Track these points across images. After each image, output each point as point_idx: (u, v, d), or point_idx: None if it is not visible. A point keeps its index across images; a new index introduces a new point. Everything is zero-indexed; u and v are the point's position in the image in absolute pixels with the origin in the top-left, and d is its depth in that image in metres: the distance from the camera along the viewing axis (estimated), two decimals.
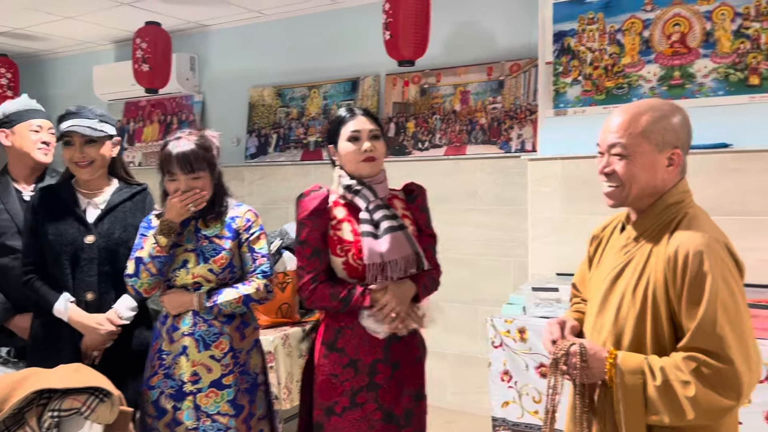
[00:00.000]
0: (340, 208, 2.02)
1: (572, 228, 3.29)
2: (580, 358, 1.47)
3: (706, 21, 3.02)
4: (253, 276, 2.14)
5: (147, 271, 2.08)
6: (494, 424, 3.00)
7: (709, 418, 1.37)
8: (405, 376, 2.01)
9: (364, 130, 1.99)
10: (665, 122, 1.48)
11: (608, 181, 1.54)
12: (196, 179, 2.07)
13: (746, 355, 1.36)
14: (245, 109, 4.88)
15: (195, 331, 2.09)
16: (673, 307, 1.43)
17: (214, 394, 2.07)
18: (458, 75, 3.98)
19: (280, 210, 4.65)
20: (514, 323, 2.90)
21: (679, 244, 1.42)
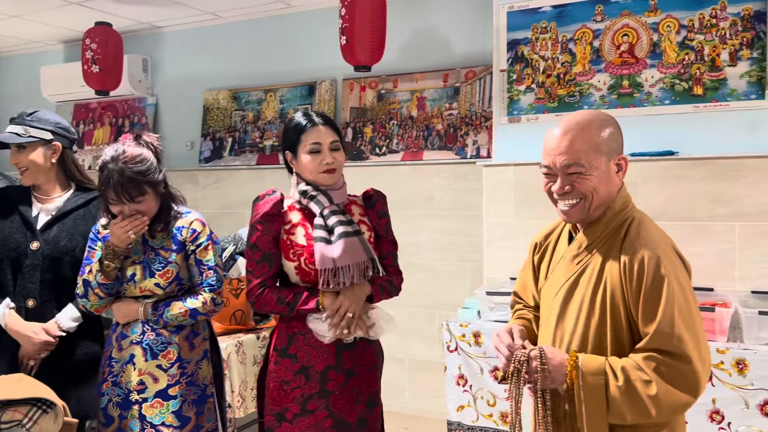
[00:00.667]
0: (296, 213, 2.00)
1: (525, 233, 3.34)
2: (540, 362, 1.47)
3: (653, 32, 3.12)
4: (200, 289, 2.09)
5: (96, 295, 2.06)
6: (450, 428, 3.01)
7: (670, 414, 1.42)
8: (359, 383, 1.99)
9: (325, 143, 1.96)
10: (608, 131, 1.51)
11: (566, 200, 1.53)
12: (139, 203, 2.01)
13: (700, 352, 1.41)
14: (200, 112, 4.81)
15: (143, 339, 2.06)
16: (630, 311, 1.46)
17: (159, 405, 2.03)
18: (415, 81, 4.01)
19: (235, 215, 4.58)
20: (469, 327, 2.93)
21: (634, 249, 1.46)
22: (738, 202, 2.90)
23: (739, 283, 2.88)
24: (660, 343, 1.40)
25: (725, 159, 2.91)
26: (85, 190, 2.34)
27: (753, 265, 2.86)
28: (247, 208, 4.53)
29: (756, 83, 2.92)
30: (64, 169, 2.32)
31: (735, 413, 2.42)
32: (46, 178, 2.28)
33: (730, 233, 2.90)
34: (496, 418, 2.89)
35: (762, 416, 2.39)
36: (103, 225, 2.12)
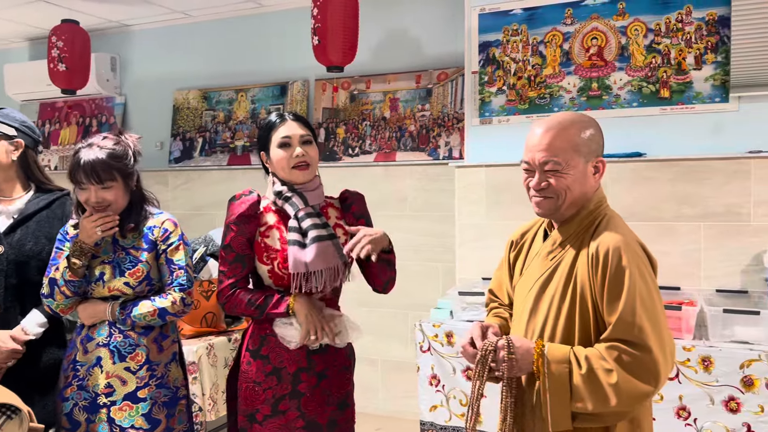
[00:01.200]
0: (271, 215, 1.99)
1: (496, 233, 3.37)
2: (507, 351, 1.51)
3: (621, 35, 3.17)
4: (170, 289, 2.06)
5: (62, 294, 2.01)
6: (422, 428, 3.02)
7: (630, 403, 1.44)
8: (330, 385, 1.99)
9: (294, 136, 1.95)
10: (588, 133, 1.55)
11: (540, 194, 1.58)
12: (106, 189, 1.98)
13: (662, 343, 1.44)
14: (169, 112, 4.74)
15: (110, 342, 2.02)
16: (596, 302, 1.50)
17: (128, 407, 2.00)
18: (387, 82, 4.01)
19: (205, 216, 4.54)
20: (441, 327, 2.94)
21: (599, 242, 1.51)
22: (703, 202, 2.96)
23: (704, 282, 2.94)
24: (621, 333, 1.44)
25: (691, 161, 2.98)
26: (46, 191, 2.28)
27: (718, 265, 2.93)
28: (218, 209, 4.52)
29: (720, 86, 2.98)
30: (25, 169, 2.26)
31: (701, 409, 2.47)
32: (5, 176, 2.22)
33: (696, 233, 2.97)
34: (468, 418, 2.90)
35: (727, 412, 2.44)
36: (72, 225, 2.08)
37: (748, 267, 2.88)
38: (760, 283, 2.84)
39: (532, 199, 1.61)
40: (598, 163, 1.57)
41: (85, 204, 2.01)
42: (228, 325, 3.04)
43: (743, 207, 2.89)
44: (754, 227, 2.87)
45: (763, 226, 2.86)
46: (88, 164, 1.95)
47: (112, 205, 2.01)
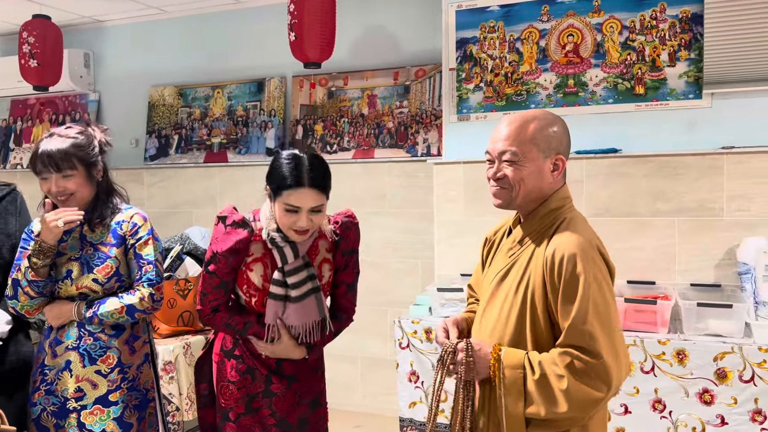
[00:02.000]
0: (260, 245, 1.90)
1: (475, 230, 3.38)
2: (466, 354, 1.53)
3: (596, 32, 3.20)
4: (138, 284, 2.00)
5: (26, 295, 1.96)
6: (402, 425, 3.02)
7: (581, 410, 1.44)
8: (301, 387, 2.00)
9: (304, 207, 1.80)
10: (549, 130, 1.56)
11: (497, 184, 1.60)
12: (67, 178, 1.94)
13: (614, 350, 1.44)
14: (144, 108, 4.68)
15: (80, 344, 1.98)
16: (551, 308, 1.50)
17: (99, 411, 1.97)
18: (365, 79, 4.00)
19: (181, 214, 4.49)
20: (420, 324, 2.94)
21: (555, 247, 1.49)
22: (677, 198, 3.00)
23: (679, 276, 2.98)
24: (573, 339, 1.44)
25: (665, 156, 3.01)
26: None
27: (692, 259, 2.97)
28: (194, 207, 4.49)
29: (693, 83, 3.02)
30: None
31: (676, 402, 2.51)
32: None
33: (671, 228, 3.00)
34: (448, 414, 2.90)
35: (701, 404, 2.48)
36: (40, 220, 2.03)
37: (721, 261, 2.92)
38: (732, 277, 2.88)
39: (491, 190, 1.63)
40: (557, 161, 1.57)
41: (47, 195, 1.97)
42: (204, 324, 3.01)
43: (716, 202, 2.93)
44: (726, 222, 2.92)
45: (736, 221, 2.90)
46: (45, 153, 1.92)
47: (75, 195, 1.97)
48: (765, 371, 2.40)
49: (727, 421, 2.45)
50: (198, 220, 4.38)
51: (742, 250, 2.80)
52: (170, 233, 3.47)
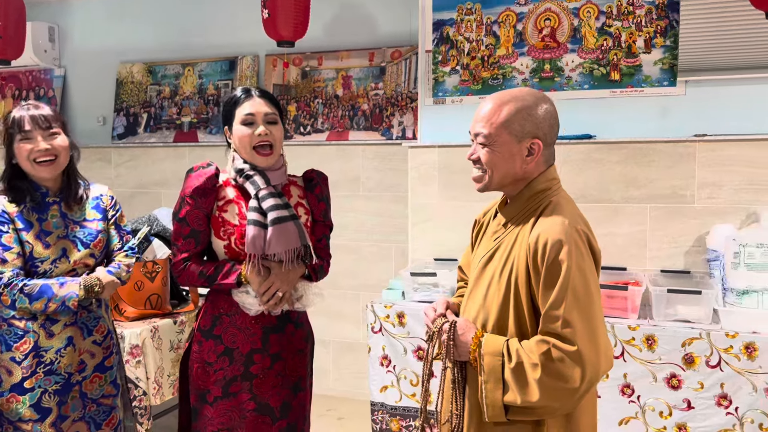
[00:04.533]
0: (231, 189, 1.93)
1: (449, 214, 3.37)
2: (449, 336, 1.52)
3: (573, 17, 3.18)
4: (119, 253, 2.13)
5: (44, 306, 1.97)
6: (373, 408, 3.02)
7: (554, 399, 1.41)
8: (285, 367, 1.96)
9: (259, 113, 1.88)
10: (525, 113, 1.50)
11: (475, 167, 1.57)
12: (53, 136, 1.99)
13: (594, 342, 1.40)
14: (112, 85, 4.55)
15: (78, 319, 2.04)
16: (534, 294, 1.47)
17: (98, 379, 2.08)
18: (340, 59, 3.93)
19: (150, 194, 4.39)
20: (393, 308, 2.92)
21: (540, 232, 1.46)
22: (650, 185, 3.02)
23: (649, 262, 3.01)
24: (549, 325, 1.41)
25: (638, 143, 3.02)
26: None
27: (662, 246, 3.00)
28: (164, 188, 4.39)
29: (668, 70, 3.03)
30: None
31: (644, 386, 2.54)
32: None
33: (642, 215, 3.02)
34: (419, 397, 2.91)
35: (669, 389, 2.51)
36: (9, 201, 2.00)
37: (691, 248, 2.95)
38: (702, 263, 2.92)
39: (472, 173, 1.60)
40: (532, 145, 1.51)
41: (28, 157, 1.95)
42: (173, 307, 2.95)
43: (687, 189, 2.96)
44: (697, 209, 2.95)
45: (706, 209, 2.93)
46: (33, 115, 1.97)
47: (58, 160, 2.00)
48: (731, 357, 2.43)
49: (693, 405, 2.49)
50: (167, 201, 4.28)
51: (711, 238, 2.83)
52: (138, 214, 3.39)
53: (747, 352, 2.42)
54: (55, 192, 2.06)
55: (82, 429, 2.06)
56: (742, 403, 2.43)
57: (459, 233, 3.36)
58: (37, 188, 2.02)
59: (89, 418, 2.06)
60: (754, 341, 2.41)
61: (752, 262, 2.52)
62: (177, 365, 2.83)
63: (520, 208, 1.55)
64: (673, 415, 2.52)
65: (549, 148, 1.55)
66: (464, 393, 1.56)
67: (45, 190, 2.05)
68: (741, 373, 2.43)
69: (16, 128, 1.96)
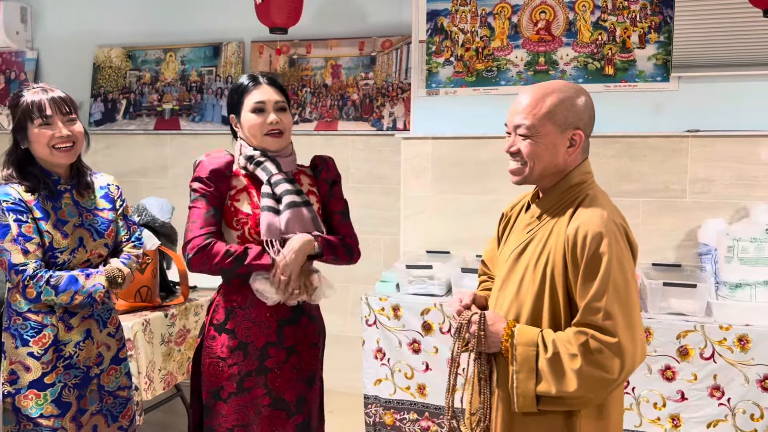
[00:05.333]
0: (241, 178, 1.90)
1: (441, 207, 3.36)
2: (479, 327, 1.52)
3: (569, 11, 3.18)
4: (127, 244, 2.09)
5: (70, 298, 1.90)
6: (366, 402, 3.00)
7: (591, 390, 1.42)
8: (300, 360, 1.93)
9: (269, 101, 1.86)
10: (569, 104, 1.50)
11: (513, 159, 1.55)
12: (72, 122, 1.94)
13: (633, 334, 1.42)
14: (89, 70, 4.39)
15: (94, 311, 2.00)
16: (570, 286, 1.47)
17: (114, 371, 2.07)
18: (329, 48, 3.87)
19: (129, 184, 4.25)
20: (388, 301, 2.90)
21: (579, 224, 1.45)
22: (642, 179, 3.05)
23: (642, 256, 3.03)
24: (590, 317, 1.41)
25: (632, 138, 3.05)
26: None
27: (654, 239, 3.04)
28: (144, 177, 4.28)
29: (662, 66, 3.06)
30: None
31: (639, 378, 2.57)
32: None
33: (635, 209, 3.05)
34: (413, 391, 2.90)
35: (663, 380, 2.55)
36: (25, 190, 1.91)
37: (682, 242, 3.00)
38: (692, 257, 2.96)
39: (508, 166, 1.58)
40: (574, 136, 1.51)
41: (48, 143, 1.89)
42: (163, 300, 2.87)
43: (679, 184, 3.00)
44: (688, 204, 2.99)
45: (697, 203, 2.98)
46: (53, 98, 1.91)
47: (75, 146, 1.96)
48: (725, 349, 2.48)
49: (687, 396, 2.53)
50: (147, 190, 4.17)
51: (703, 232, 2.87)
52: None
53: (740, 344, 2.47)
54: (67, 179, 1.99)
55: (100, 422, 2.03)
56: (734, 394, 2.48)
57: (451, 225, 3.36)
58: (48, 175, 1.95)
59: (106, 410, 2.04)
60: (746, 333, 2.46)
61: (745, 257, 2.57)
62: (168, 359, 2.76)
63: (555, 200, 1.54)
64: (667, 406, 2.56)
65: (587, 141, 1.56)
66: (491, 384, 1.56)
67: (57, 178, 1.97)
68: (734, 364, 2.48)
69: (36, 112, 1.88)
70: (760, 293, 2.53)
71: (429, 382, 2.87)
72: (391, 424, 2.95)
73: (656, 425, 2.57)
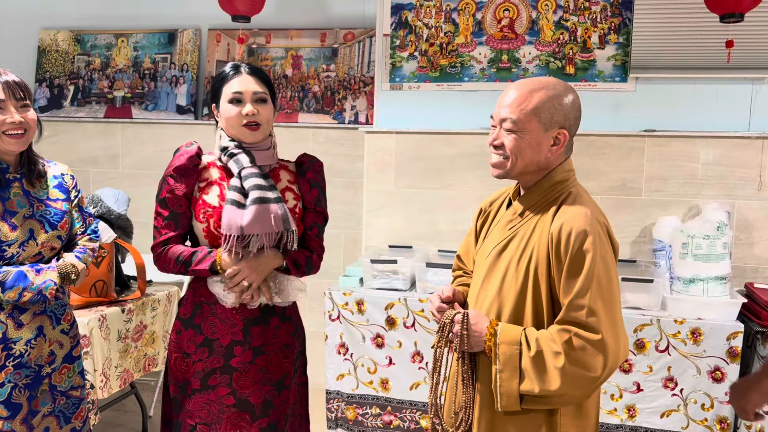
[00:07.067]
0: (215, 170, 1.84)
1: (404, 201, 3.36)
2: (462, 326, 1.50)
3: (532, 9, 3.22)
4: (82, 237, 1.99)
5: (18, 295, 1.81)
6: (328, 397, 2.97)
7: (575, 388, 1.41)
8: (268, 362, 1.86)
9: (247, 92, 1.79)
10: (556, 102, 1.49)
11: (495, 152, 1.54)
12: (25, 108, 1.84)
13: (616, 332, 1.42)
14: (33, 53, 4.18)
15: (47, 307, 1.90)
16: (554, 284, 1.47)
17: (66, 370, 1.98)
18: (290, 38, 3.80)
19: (79, 174, 4.04)
20: (352, 295, 2.88)
21: (563, 222, 1.45)
22: (601, 177, 3.13)
23: None
24: (573, 315, 1.40)
25: (591, 136, 3.12)
26: None
27: None
28: (94, 166, 4.11)
29: (620, 67, 3.14)
30: None
31: None
32: None
33: None
34: (376, 385, 2.89)
35: (620, 372, 2.63)
36: None
37: (637, 239, 3.10)
38: (647, 253, 3.06)
39: (490, 159, 1.57)
40: (559, 135, 1.50)
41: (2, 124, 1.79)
42: (118, 295, 2.77)
43: (636, 182, 3.09)
44: (644, 201, 3.09)
45: (652, 201, 3.08)
46: (10, 80, 1.81)
47: (28, 134, 1.85)
48: (678, 341, 2.58)
49: (642, 387, 2.61)
50: (97, 181, 4.01)
51: (657, 229, 2.97)
52: None
53: (693, 337, 2.56)
54: (16, 167, 1.88)
55: (52, 424, 1.92)
56: (687, 385, 2.57)
57: (414, 220, 3.37)
58: None
59: (59, 411, 1.95)
60: (699, 327, 2.56)
61: (699, 253, 2.66)
62: (125, 356, 2.66)
63: (538, 197, 1.54)
64: (623, 398, 2.64)
65: (572, 140, 1.56)
66: (473, 383, 1.55)
67: (5, 166, 1.86)
68: (686, 357, 2.57)
69: None
70: (712, 288, 2.64)
71: (392, 377, 2.87)
72: (353, 418, 2.93)
73: (613, 416, 2.65)
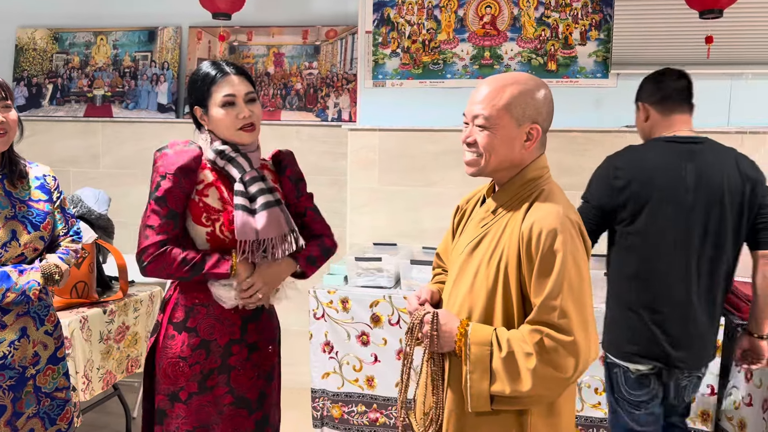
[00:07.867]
0: (208, 172, 1.80)
1: (387, 199, 3.35)
2: (432, 327, 1.48)
3: (513, 6, 3.23)
4: (65, 239, 1.99)
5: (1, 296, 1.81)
6: (313, 395, 2.97)
7: (546, 388, 1.40)
8: (260, 357, 1.88)
9: (239, 94, 1.74)
10: (528, 97, 1.46)
11: (469, 150, 1.52)
12: (7, 109, 1.84)
13: (587, 332, 1.40)
14: (10, 52, 4.12)
15: (30, 308, 1.89)
16: (524, 283, 1.44)
17: (51, 371, 1.97)
18: (271, 35, 3.78)
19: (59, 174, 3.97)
20: (337, 293, 2.87)
21: (533, 221, 1.43)
22: (583, 173, 3.12)
23: None
24: (545, 315, 1.38)
25: (573, 132, 3.14)
26: None
27: None
28: (73, 166, 4.06)
29: (602, 63, 3.16)
30: None
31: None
32: None
33: (576, 202, 3.11)
34: (362, 383, 2.89)
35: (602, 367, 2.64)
36: None
37: None
38: None
39: (464, 157, 1.55)
40: (531, 130, 1.47)
41: None
42: (100, 296, 2.74)
43: None
44: None
45: None
46: None
47: (8, 134, 1.85)
48: None
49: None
50: (77, 181, 3.96)
51: None
52: None
53: None
54: None
55: (37, 426, 1.92)
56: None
57: (398, 218, 3.36)
58: None
59: (44, 413, 1.94)
60: None
61: None
62: (107, 357, 2.64)
63: (511, 194, 1.51)
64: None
65: (545, 135, 1.54)
66: (444, 384, 1.53)
67: None
68: None
69: None
70: None
71: (377, 374, 2.87)
72: (339, 417, 2.93)
73: (597, 409, 2.67)
